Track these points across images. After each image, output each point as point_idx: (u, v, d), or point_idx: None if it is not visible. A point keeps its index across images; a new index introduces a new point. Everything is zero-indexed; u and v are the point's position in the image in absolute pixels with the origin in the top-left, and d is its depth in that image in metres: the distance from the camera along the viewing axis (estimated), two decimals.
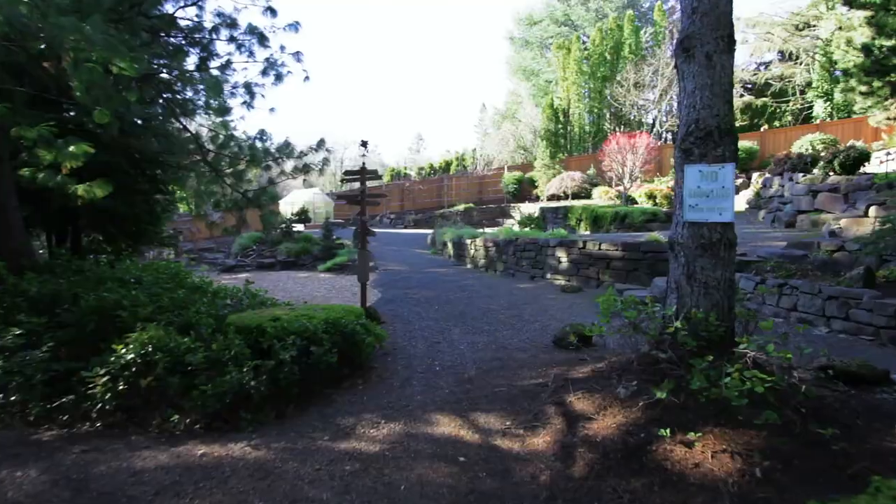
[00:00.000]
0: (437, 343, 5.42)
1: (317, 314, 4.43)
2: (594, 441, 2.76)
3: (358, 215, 6.61)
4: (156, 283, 5.17)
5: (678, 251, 3.30)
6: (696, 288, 3.18)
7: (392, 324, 6.76)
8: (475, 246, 12.67)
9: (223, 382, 3.43)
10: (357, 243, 15.66)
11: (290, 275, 13.64)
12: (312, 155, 7.51)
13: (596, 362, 3.83)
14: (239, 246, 17.78)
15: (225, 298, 6.05)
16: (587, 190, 19.91)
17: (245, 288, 6.66)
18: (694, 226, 3.21)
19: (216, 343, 3.79)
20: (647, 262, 8.16)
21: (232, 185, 6.48)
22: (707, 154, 3.17)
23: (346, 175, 6.83)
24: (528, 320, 6.49)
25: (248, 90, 6.60)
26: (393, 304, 8.14)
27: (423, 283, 10.34)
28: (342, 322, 4.30)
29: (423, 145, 55.29)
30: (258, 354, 3.83)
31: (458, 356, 4.77)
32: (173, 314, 4.43)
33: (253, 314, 4.61)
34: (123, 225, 7.78)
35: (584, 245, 9.06)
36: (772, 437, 2.53)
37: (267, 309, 5.10)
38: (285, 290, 10.81)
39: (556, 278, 9.58)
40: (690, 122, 3.25)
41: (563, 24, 32.46)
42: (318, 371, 3.84)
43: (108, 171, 6.97)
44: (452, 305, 7.77)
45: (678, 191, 3.37)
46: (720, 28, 3.28)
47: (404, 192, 27.30)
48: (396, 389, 3.88)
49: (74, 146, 4.14)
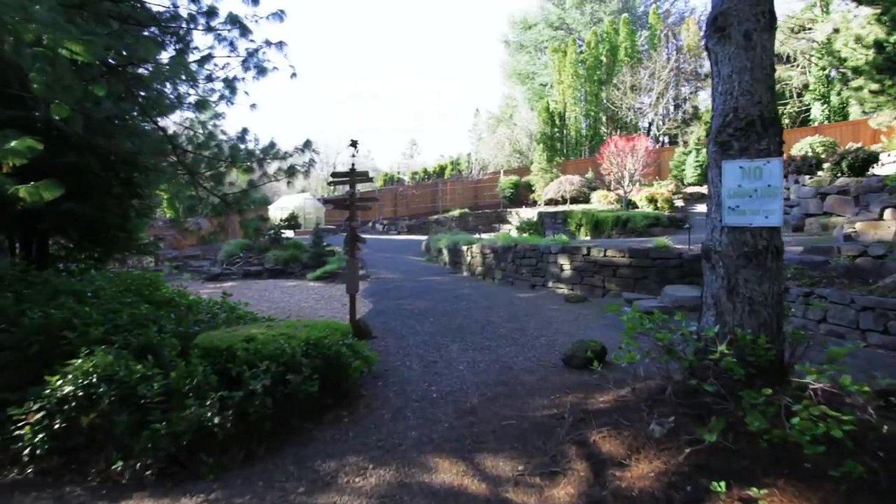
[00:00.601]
0: (434, 362, 4.89)
1: (297, 333, 3.90)
2: (629, 496, 2.24)
3: (346, 220, 6.08)
4: (117, 297, 4.61)
5: (716, 261, 2.80)
6: (739, 304, 2.68)
7: (384, 339, 6.23)
8: (472, 253, 12.17)
9: (181, 420, 2.89)
10: (346, 250, 15.26)
11: (277, 284, 13.07)
12: (298, 156, 6.99)
13: (618, 388, 3.32)
14: (225, 253, 17.19)
15: (199, 313, 5.50)
16: (586, 194, 19.50)
17: (222, 301, 6.12)
18: (735, 231, 2.72)
19: (176, 370, 3.25)
20: (655, 269, 7.68)
21: (209, 189, 5.94)
22: (749, 148, 2.68)
23: (335, 177, 6.31)
24: (533, 334, 5.98)
25: (228, 85, 6.09)
26: (385, 317, 7.61)
27: (417, 292, 9.82)
28: (326, 343, 3.76)
29: (416, 150, 54.86)
30: (227, 382, 3.29)
31: (458, 379, 4.24)
32: (132, 334, 3.88)
33: (226, 333, 4.07)
34: (93, 231, 7.21)
35: (588, 252, 8.57)
36: (854, 493, 2.03)
37: (243, 327, 4.56)
38: (271, 301, 10.25)
39: (558, 287, 9.09)
40: (727, 111, 2.77)
41: (558, 27, 32.23)
42: (295, 402, 3.30)
43: (76, 173, 6.43)
44: (449, 318, 7.25)
45: (713, 191, 2.89)
46: (760, 2, 2.81)
47: (398, 196, 26.78)
48: (387, 423, 3.34)
49: (17, 141, 3.60)
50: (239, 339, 3.78)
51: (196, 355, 3.64)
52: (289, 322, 4.51)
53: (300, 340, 3.74)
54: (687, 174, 19.39)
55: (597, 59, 26.55)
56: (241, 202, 6.57)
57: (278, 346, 3.50)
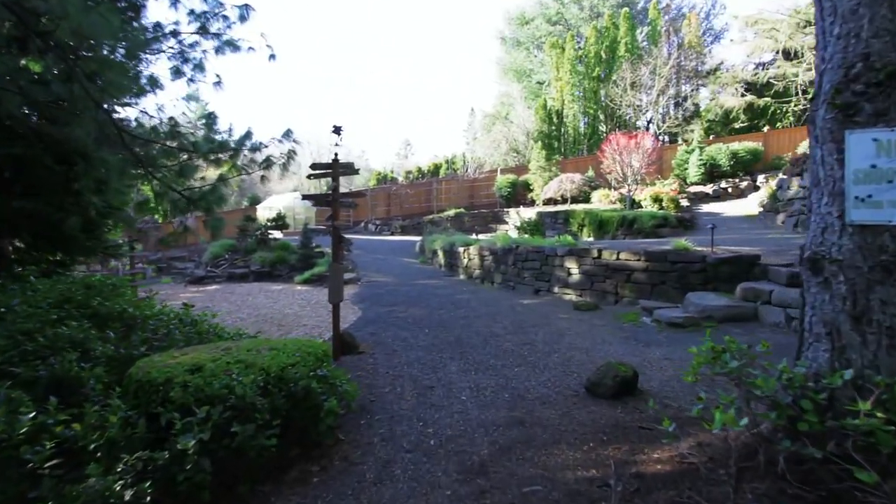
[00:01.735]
0: (430, 389, 4.06)
1: (257, 360, 3.05)
2: None
3: (327, 220, 5.24)
4: (39, 314, 3.73)
5: (832, 274, 1.99)
6: (872, 336, 1.88)
7: (373, 354, 5.40)
8: (469, 255, 11.34)
9: (74, 497, 2.04)
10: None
11: (262, 287, 12.17)
12: (276, 146, 6.14)
13: (673, 440, 2.50)
14: (210, 255, 16.28)
15: (157, 328, 4.62)
16: (586, 193, 18.74)
17: (184, 312, 5.26)
18: (866, 232, 1.91)
19: (85, 419, 2.40)
20: (675, 274, 6.89)
21: (163, 181, 5.07)
22: (889, 111, 1.88)
23: (315, 169, 5.46)
24: (544, 350, 5.17)
25: (197, 66, 5.24)
26: (375, 326, 6.77)
27: (411, 298, 8.97)
28: (292, 374, 2.91)
29: (411, 151, 53.72)
30: (160, 430, 2.46)
31: (461, 415, 3.41)
32: (45, 363, 3.02)
33: (172, 359, 3.21)
34: (45, 232, 6.31)
35: (599, 254, 7.77)
36: None
37: (202, 347, 3.69)
38: (253, 307, 9.37)
39: (565, 292, 8.28)
40: (850, 60, 1.96)
41: (555, 23, 31.47)
42: (246, 459, 2.46)
43: (24, 166, 5.60)
44: (446, 328, 6.42)
45: (821, 175, 2.08)
46: None
47: (391, 196, 25.89)
48: (369, 486, 2.50)
49: None
50: (183, 369, 2.93)
51: (131, 391, 2.81)
52: (252, 343, 3.65)
53: (259, 371, 2.90)
54: (690, 173, 18.68)
55: (596, 55, 25.83)
56: (207, 199, 5.71)
57: (225, 383, 2.65)
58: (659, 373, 4.21)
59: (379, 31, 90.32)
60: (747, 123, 23.80)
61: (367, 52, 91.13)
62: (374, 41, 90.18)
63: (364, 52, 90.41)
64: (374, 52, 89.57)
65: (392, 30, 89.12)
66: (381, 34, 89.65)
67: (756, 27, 22.46)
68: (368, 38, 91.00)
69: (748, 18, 22.86)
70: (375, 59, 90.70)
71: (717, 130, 24.28)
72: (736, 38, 26.54)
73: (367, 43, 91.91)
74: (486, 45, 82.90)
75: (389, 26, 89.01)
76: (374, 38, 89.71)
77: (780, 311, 5.32)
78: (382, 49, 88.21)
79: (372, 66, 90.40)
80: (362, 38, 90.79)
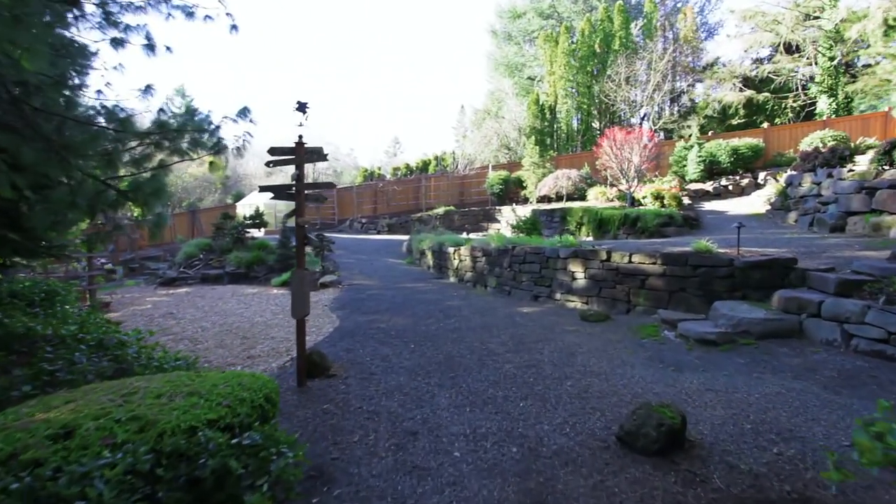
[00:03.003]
0: (413, 437, 3.11)
1: (161, 416, 2.07)
2: None
3: (287, 216, 4.26)
4: None
5: None
6: None
7: (345, 378, 4.45)
8: (460, 256, 10.40)
9: None
10: (315, 252, 13.27)
11: (236, 290, 11.12)
12: (230, 127, 5.12)
13: None
14: (184, 254, 15.16)
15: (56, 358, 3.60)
16: (582, 190, 17.90)
17: (112, 332, 4.26)
18: None
19: None
20: (697, 279, 6.02)
21: (78, 167, 4.04)
22: None
23: (274, 154, 4.47)
24: (553, 375, 4.25)
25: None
26: (352, 340, 5.80)
27: (395, 304, 8.01)
28: (200, 447, 1.94)
29: (400, 149, 52.67)
30: None
31: (453, 490, 2.47)
32: None
33: (46, 410, 2.23)
34: None
35: (608, 256, 6.88)
36: None
37: (94, 388, 2.68)
38: (222, 314, 8.33)
39: (569, 299, 7.38)
40: None
41: (548, 16, 30.60)
42: None
43: None
44: (435, 343, 5.48)
45: None
46: None
47: (378, 193, 24.81)
48: None
49: None
50: (45, 432, 1.96)
51: None
52: (169, 384, 2.65)
53: (156, 437, 1.94)
54: (689, 170, 17.92)
55: (590, 49, 25.01)
56: (145, 192, 4.69)
57: (89, 468, 1.68)
58: (706, 411, 3.31)
59: (368, 29, 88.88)
60: (745, 119, 23.18)
61: (355, 50, 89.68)
62: (363, 39, 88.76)
63: (352, 50, 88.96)
64: (362, 50, 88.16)
65: (381, 27, 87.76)
66: (370, 32, 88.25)
67: (754, 20, 21.84)
68: (357, 37, 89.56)
69: (746, 12, 22.24)
70: (364, 57, 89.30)
71: (714, 127, 23.63)
72: (732, 33, 26.05)
73: (355, 41, 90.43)
74: (477, 42, 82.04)
75: (378, 24, 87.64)
76: (362, 37, 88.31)
77: (835, 327, 4.46)
78: (371, 47, 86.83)
79: (361, 64, 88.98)
80: (351, 37, 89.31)
